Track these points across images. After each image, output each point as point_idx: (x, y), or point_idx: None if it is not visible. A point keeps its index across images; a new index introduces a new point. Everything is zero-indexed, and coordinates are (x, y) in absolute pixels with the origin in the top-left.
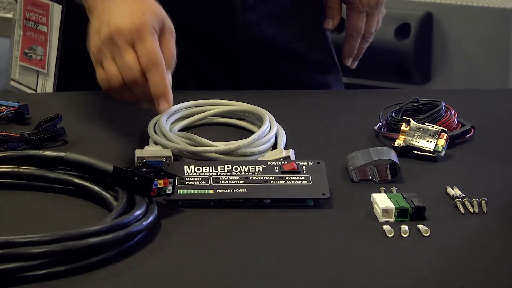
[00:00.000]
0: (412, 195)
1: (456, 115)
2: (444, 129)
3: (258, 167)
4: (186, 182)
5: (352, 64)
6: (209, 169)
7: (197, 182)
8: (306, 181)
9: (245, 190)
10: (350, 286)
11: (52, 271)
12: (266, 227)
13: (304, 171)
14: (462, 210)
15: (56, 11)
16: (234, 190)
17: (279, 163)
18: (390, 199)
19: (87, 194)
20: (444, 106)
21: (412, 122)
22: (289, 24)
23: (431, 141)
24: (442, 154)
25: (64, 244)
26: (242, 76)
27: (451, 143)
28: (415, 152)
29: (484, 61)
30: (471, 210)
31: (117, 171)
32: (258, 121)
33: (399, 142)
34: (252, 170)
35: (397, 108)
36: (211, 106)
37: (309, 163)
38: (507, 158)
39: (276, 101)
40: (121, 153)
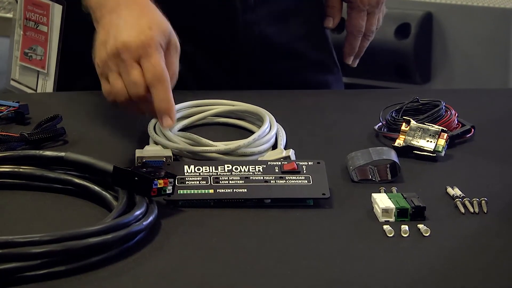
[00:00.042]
0: (412, 195)
1: (456, 115)
2: (444, 129)
3: (258, 167)
4: (186, 182)
5: (353, 62)
6: (209, 169)
7: (197, 182)
8: (306, 181)
9: (245, 190)
10: (350, 286)
11: (52, 271)
12: (266, 227)
13: (304, 171)
14: (462, 210)
15: (57, 11)
16: (234, 190)
17: (279, 163)
18: (390, 199)
19: (87, 194)
20: (444, 106)
21: (412, 122)
22: (289, 24)
23: (431, 141)
24: (442, 154)
25: (64, 244)
26: (242, 76)
27: (451, 143)
28: (415, 152)
29: (484, 61)
30: (471, 210)
31: (117, 171)
32: (258, 121)
33: (399, 142)
34: (252, 170)
35: (397, 108)
36: (211, 106)
37: (309, 163)
38: (507, 158)
39: (276, 101)
40: (121, 153)
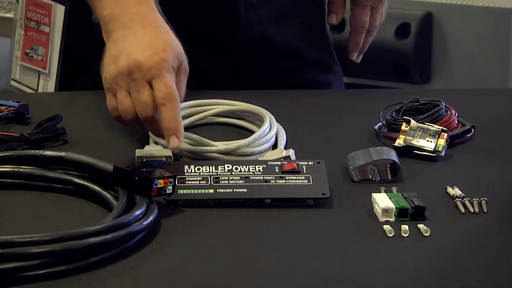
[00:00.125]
0: (412, 194)
1: (456, 115)
2: (444, 128)
3: (258, 167)
4: (186, 182)
5: (357, 58)
6: (209, 168)
7: (197, 182)
8: (306, 181)
9: (245, 190)
10: (350, 285)
11: (52, 271)
12: (266, 227)
13: (304, 171)
14: (462, 210)
15: (59, 11)
16: (234, 190)
17: (279, 162)
18: (390, 198)
19: (87, 193)
20: (444, 106)
21: (412, 122)
22: (290, 23)
23: (431, 141)
24: (442, 154)
25: (64, 244)
26: (242, 76)
27: (451, 143)
28: (415, 151)
29: (484, 61)
30: (471, 209)
31: (117, 170)
32: (258, 121)
33: (399, 141)
34: (252, 170)
35: (397, 108)
36: (211, 106)
37: (309, 163)
38: (507, 158)
39: (276, 100)
40: (121, 153)
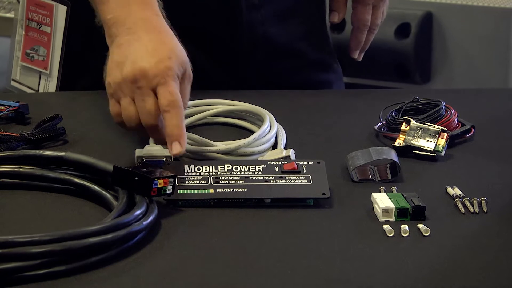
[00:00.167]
0: (412, 194)
1: (456, 114)
2: (444, 128)
3: (258, 167)
4: (186, 182)
5: (359, 56)
6: (209, 168)
7: (197, 182)
8: (306, 181)
9: (245, 190)
10: (350, 285)
11: (52, 271)
12: (266, 227)
13: (304, 171)
14: (462, 210)
15: (61, 12)
16: (234, 190)
17: (279, 162)
18: (390, 198)
19: (87, 193)
20: (444, 105)
21: (412, 122)
22: (291, 23)
23: (431, 141)
24: (442, 153)
25: (64, 244)
26: (243, 75)
27: (451, 142)
28: (415, 151)
29: (484, 61)
30: (471, 209)
31: (117, 170)
32: (258, 120)
33: (399, 141)
34: (252, 169)
35: (397, 107)
36: (211, 106)
37: (309, 163)
38: (507, 158)
39: (276, 100)
40: (121, 153)
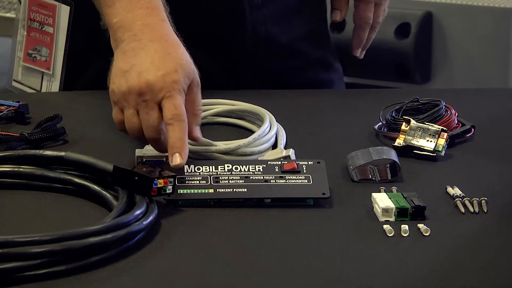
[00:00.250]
0: (412, 194)
1: (456, 114)
2: (444, 128)
3: (258, 167)
4: (186, 182)
5: (360, 54)
6: (209, 168)
7: (197, 182)
8: (306, 181)
9: (245, 190)
10: (350, 285)
11: (52, 271)
12: (266, 226)
13: (304, 171)
14: (462, 210)
15: (64, 12)
16: (234, 190)
17: (279, 162)
18: (390, 198)
19: (87, 193)
20: (444, 105)
21: (412, 122)
22: (293, 22)
23: (431, 141)
24: (442, 153)
25: (64, 244)
26: (244, 75)
27: (451, 142)
28: (415, 151)
29: (484, 61)
30: (471, 209)
31: (117, 170)
32: (258, 120)
33: (399, 141)
34: (252, 169)
35: (397, 107)
36: (211, 105)
37: (309, 163)
38: (507, 157)
39: (276, 100)
40: (121, 153)
